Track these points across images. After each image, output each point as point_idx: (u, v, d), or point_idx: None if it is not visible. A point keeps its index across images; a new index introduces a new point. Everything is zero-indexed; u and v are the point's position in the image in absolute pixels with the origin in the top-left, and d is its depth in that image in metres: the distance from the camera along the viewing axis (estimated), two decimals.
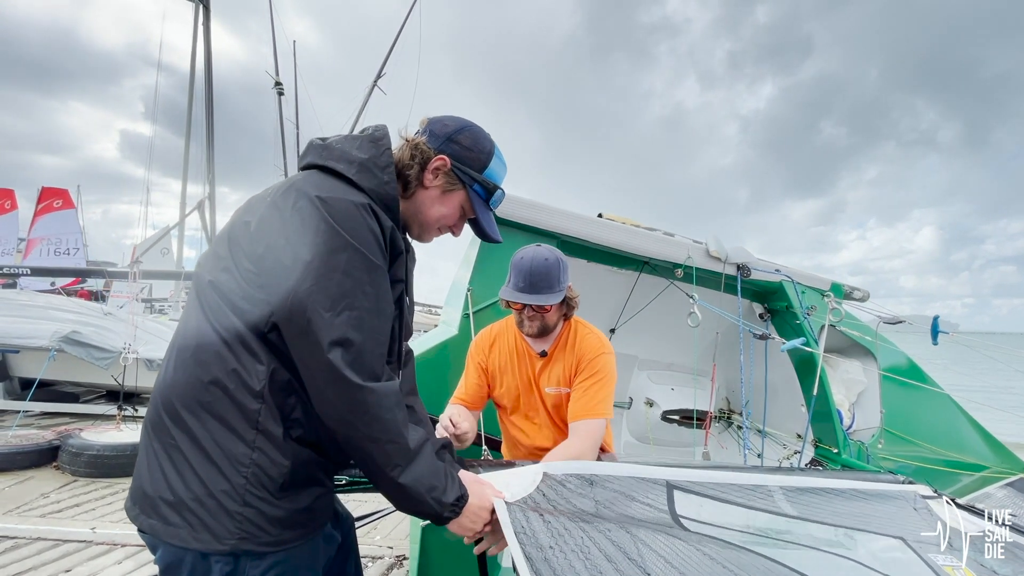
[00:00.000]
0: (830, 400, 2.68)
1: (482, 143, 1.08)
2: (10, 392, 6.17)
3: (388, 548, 3.20)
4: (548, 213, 2.26)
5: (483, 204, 1.10)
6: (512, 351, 1.69)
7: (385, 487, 0.91)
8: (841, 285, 3.08)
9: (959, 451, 3.17)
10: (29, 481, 4.03)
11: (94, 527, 3.22)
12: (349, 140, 0.99)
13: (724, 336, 3.35)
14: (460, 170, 1.05)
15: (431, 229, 1.11)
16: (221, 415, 0.85)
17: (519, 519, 0.92)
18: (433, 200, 1.06)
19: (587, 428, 1.40)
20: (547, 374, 1.62)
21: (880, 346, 3.06)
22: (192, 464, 0.84)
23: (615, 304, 3.27)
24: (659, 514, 1.06)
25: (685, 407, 3.54)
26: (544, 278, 1.48)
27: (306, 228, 0.85)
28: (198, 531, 0.82)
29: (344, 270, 0.84)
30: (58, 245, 13.71)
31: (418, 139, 1.04)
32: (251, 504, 0.84)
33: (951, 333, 2.67)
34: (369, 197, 0.93)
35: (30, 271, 9.32)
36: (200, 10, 13.76)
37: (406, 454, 0.88)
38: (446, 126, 1.06)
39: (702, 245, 2.66)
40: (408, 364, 1.17)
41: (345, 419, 0.85)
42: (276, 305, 0.84)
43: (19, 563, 2.77)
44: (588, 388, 1.48)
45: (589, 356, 1.54)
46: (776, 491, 1.24)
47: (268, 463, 0.86)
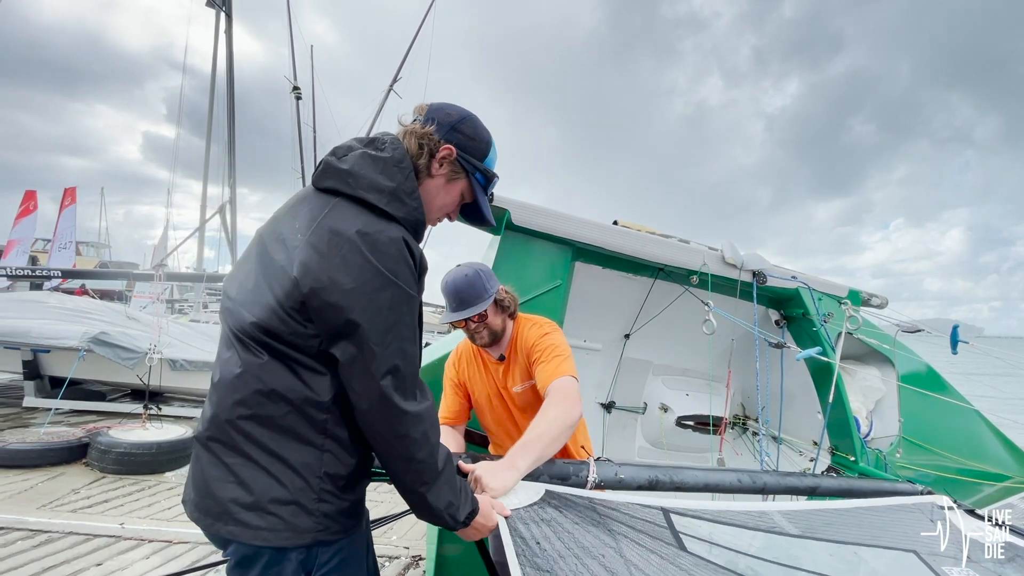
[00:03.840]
0: (847, 407, 2.66)
1: (482, 132, 1.12)
2: (41, 390, 6.37)
3: (404, 548, 3.26)
4: (563, 220, 2.29)
5: (482, 192, 1.14)
6: (475, 363, 1.81)
7: (411, 499, 1.00)
8: (859, 292, 3.06)
9: (980, 460, 3.12)
10: (60, 477, 4.18)
11: (122, 523, 3.33)
12: (370, 164, 0.99)
13: (739, 342, 3.34)
14: (464, 159, 1.09)
15: (433, 218, 1.14)
16: (291, 426, 0.93)
17: (519, 541, 0.95)
18: (439, 189, 1.10)
19: (556, 386, 1.43)
20: (510, 376, 1.72)
21: (899, 354, 3.02)
22: (269, 471, 0.91)
23: (630, 310, 3.29)
24: (659, 529, 1.08)
25: (700, 413, 3.54)
26: (469, 291, 1.59)
27: (349, 268, 0.89)
28: (280, 531, 0.90)
29: (389, 306, 0.91)
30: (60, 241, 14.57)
31: (426, 129, 1.06)
32: (326, 500, 0.94)
33: (971, 342, 2.63)
34: (402, 226, 0.97)
35: (60, 273, 9.62)
36: (222, 16, 14.04)
37: (434, 473, 0.97)
38: (449, 115, 1.08)
39: (717, 252, 2.66)
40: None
41: (388, 439, 0.94)
42: (328, 337, 0.91)
43: (53, 556, 2.88)
44: (546, 362, 1.54)
45: (534, 341, 1.63)
46: (777, 515, 1.24)
47: (337, 464, 0.96)
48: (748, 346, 3.17)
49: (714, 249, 2.69)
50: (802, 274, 2.82)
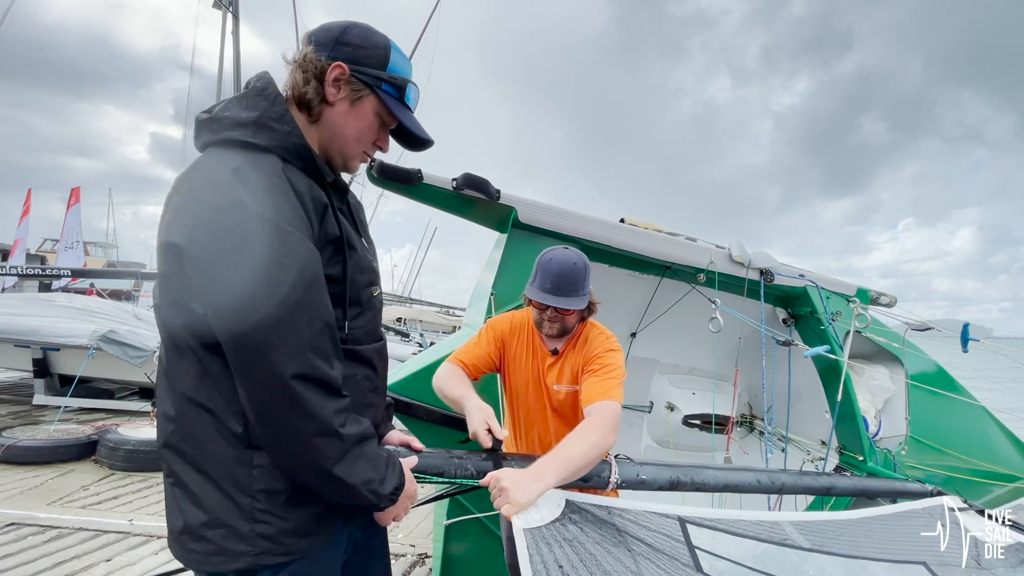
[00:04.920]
0: (855, 406, 2.64)
1: (375, 38, 0.96)
2: (50, 388, 6.43)
3: (411, 546, 3.27)
4: (570, 218, 2.29)
5: (399, 104, 0.98)
6: (527, 343, 1.70)
7: (315, 480, 0.86)
8: (867, 290, 3.04)
9: (991, 461, 3.09)
10: (70, 474, 4.22)
11: (131, 519, 3.36)
12: (235, 102, 0.90)
13: (746, 341, 3.32)
14: (361, 73, 0.93)
15: (354, 151, 1.00)
16: (214, 439, 0.84)
17: (540, 568, 0.92)
18: (345, 115, 0.95)
19: (601, 408, 1.38)
20: (555, 371, 1.64)
21: (908, 352, 3.00)
22: (196, 492, 0.84)
23: (636, 308, 3.28)
24: (676, 544, 1.07)
25: (706, 412, 3.53)
26: (571, 281, 1.50)
27: (211, 213, 0.78)
28: (212, 555, 0.84)
29: (265, 256, 0.76)
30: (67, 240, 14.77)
31: (307, 55, 0.93)
32: (262, 521, 0.84)
33: (982, 340, 2.60)
34: (278, 156, 0.87)
35: (71, 272, 9.71)
36: (228, 17, 14.11)
37: (339, 447, 0.83)
38: (330, 30, 0.94)
39: (725, 250, 2.65)
40: (370, 310, 1.04)
41: (269, 413, 0.79)
42: (203, 302, 0.79)
43: (63, 551, 2.91)
44: (600, 377, 1.48)
45: (597, 352, 1.56)
46: (788, 526, 1.24)
47: (269, 479, 0.85)
48: (755, 345, 3.15)
49: (721, 247, 2.68)
50: (810, 272, 2.81)
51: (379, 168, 1.95)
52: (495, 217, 2.25)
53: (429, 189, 2.04)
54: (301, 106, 0.95)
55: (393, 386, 2.00)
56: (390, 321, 11.27)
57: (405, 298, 18.61)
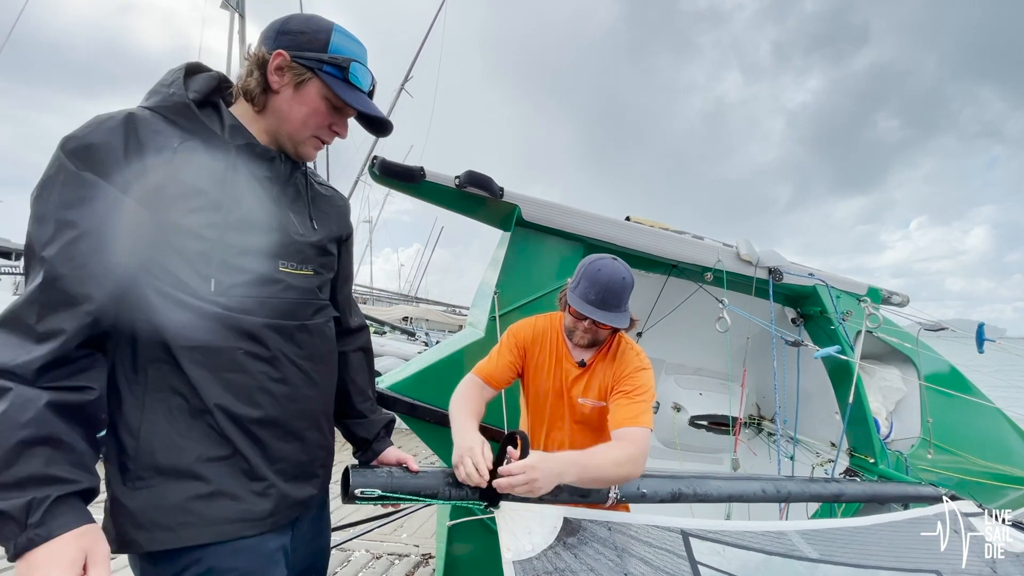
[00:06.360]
0: (866, 408, 2.60)
1: (315, 22, 0.97)
2: None
3: (415, 546, 3.26)
4: (575, 216, 2.26)
5: (343, 84, 0.97)
6: (553, 353, 1.64)
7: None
8: (879, 289, 2.98)
9: (1006, 463, 3.02)
10: None
11: None
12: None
13: (755, 341, 3.28)
14: (301, 57, 0.94)
15: (304, 137, 1.00)
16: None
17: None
18: (288, 101, 0.96)
19: (634, 434, 1.34)
20: (582, 384, 1.59)
21: (921, 353, 2.94)
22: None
23: (643, 307, 3.24)
24: (678, 560, 1.04)
25: (714, 413, 3.49)
26: (617, 296, 1.45)
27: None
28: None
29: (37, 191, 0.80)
30: None
31: (253, 52, 0.96)
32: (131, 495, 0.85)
33: (997, 340, 2.55)
34: (161, 115, 0.87)
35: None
36: (236, 18, 14.21)
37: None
38: (273, 24, 0.97)
39: (732, 248, 2.61)
40: (265, 283, 0.95)
41: None
42: None
43: None
44: (631, 400, 1.44)
45: (629, 369, 1.51)
46: (795, 535, 1.21)
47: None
48: (763, 345, 3.11)
49: (729, 245, 2.64)
50: (820, 271, 2.76)
51: (381, 165, 1.94)
52: (499, 215, 2.22)
53: (432, 187, 2.02)
54: (247, 98, 0.97)
55: (395, 386, 1.99)
56: (396, 320, 11.30)
57: (412, 297, 18.66)
